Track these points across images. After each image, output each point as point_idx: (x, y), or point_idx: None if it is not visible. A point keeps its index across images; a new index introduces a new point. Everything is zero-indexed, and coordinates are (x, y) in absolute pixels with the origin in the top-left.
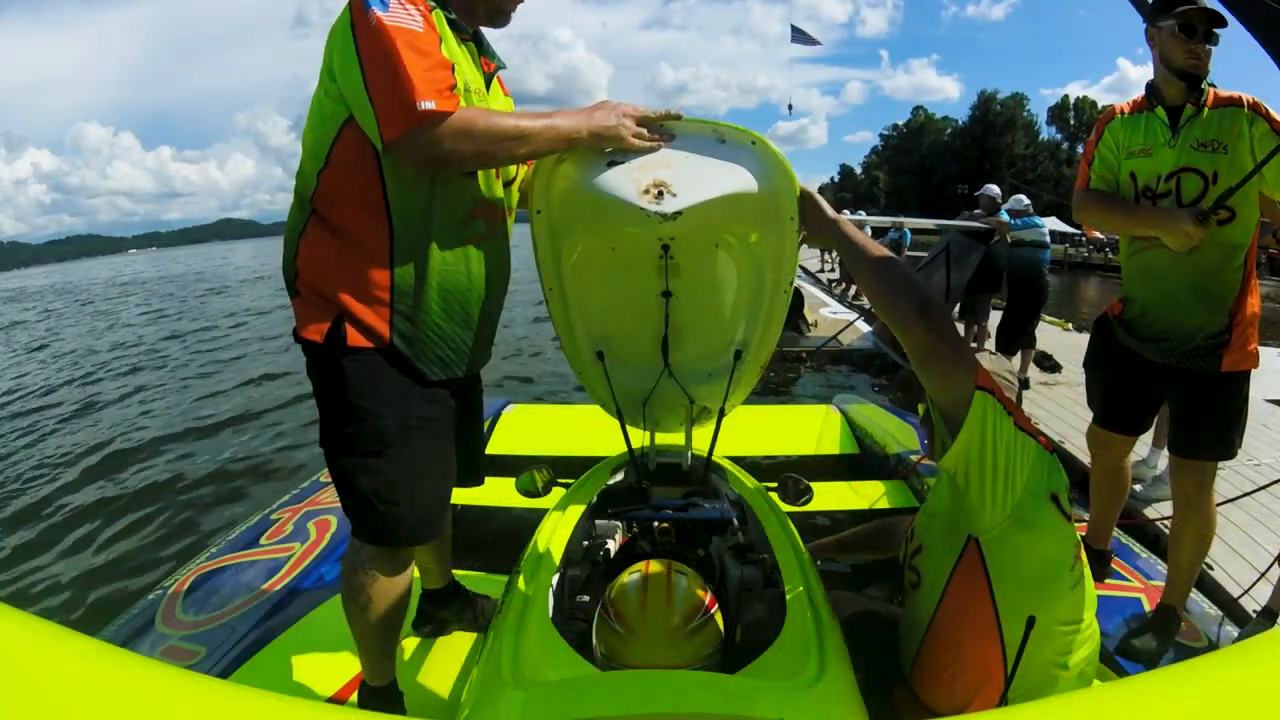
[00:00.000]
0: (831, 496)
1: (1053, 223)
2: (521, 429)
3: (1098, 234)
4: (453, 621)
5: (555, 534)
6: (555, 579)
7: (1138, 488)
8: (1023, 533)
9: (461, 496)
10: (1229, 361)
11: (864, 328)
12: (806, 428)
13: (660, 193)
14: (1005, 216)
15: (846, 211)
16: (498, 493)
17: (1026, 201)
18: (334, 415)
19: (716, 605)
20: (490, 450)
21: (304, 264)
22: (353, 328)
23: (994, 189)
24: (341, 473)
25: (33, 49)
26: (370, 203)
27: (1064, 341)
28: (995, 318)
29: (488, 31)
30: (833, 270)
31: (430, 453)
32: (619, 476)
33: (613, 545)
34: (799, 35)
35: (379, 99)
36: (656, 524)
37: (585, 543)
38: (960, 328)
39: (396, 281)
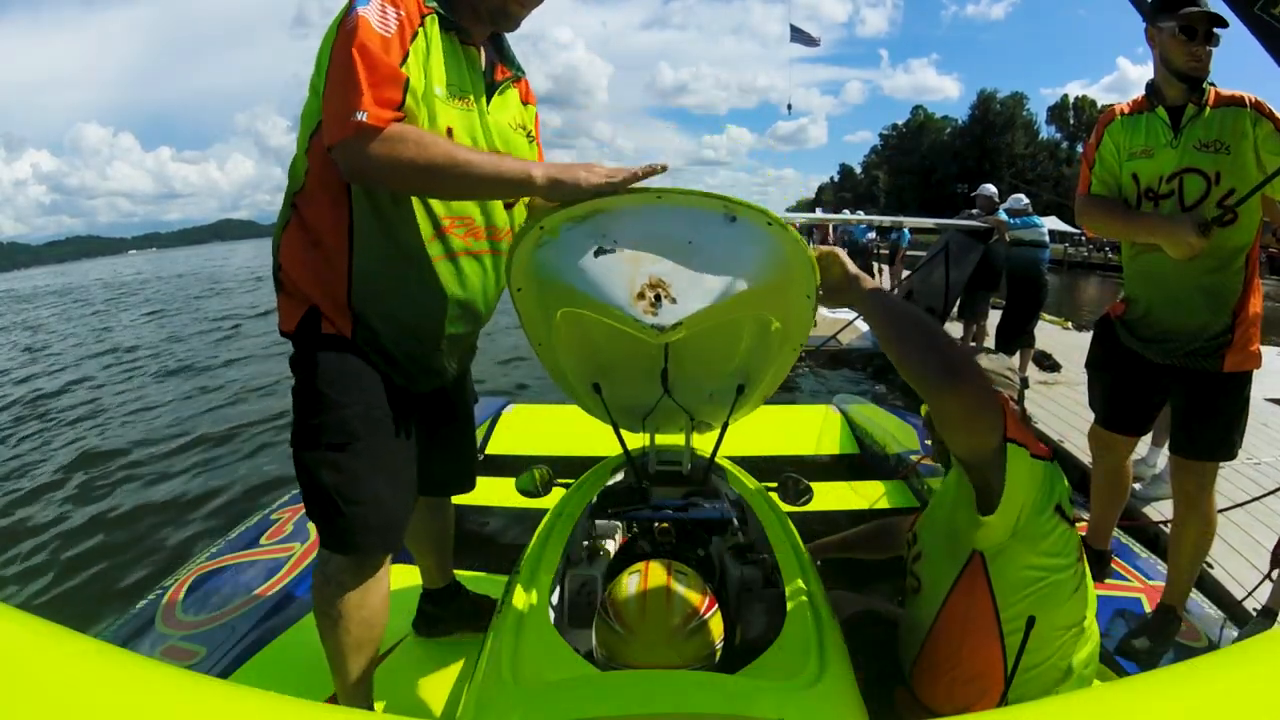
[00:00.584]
0: (831, 496)
1: (1052, 222)
2: (521, 429)
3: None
4: (453, 622)
5: (555, 534)
6: (555, 579)
7: (1137, 486)
8: (1027, 544)
9: (461, 496)
10: (1231, 362)
11: (864, 327)
12: (806, 428)
13: (658, 296)
14: (1003, 215)
15: (845, 210)
16: (498, 493)
17: (1025, 201)
18: (302, 406)
19: (716, 605)
20: (490, 450)
21: (285, 260)
22: (324, 319)
23: (990, 188)
24: (305, 468)
25: (33, 49)
26: (336, 205)
27: (1064, 341)
28: (994, 317)
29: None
30: None
31: (397, 452)
32: (619, 476)
33: (613, 545)
34: (798, 35)
35: (326, 103)
36: (656, 524)
37: (585, 543)
38: (959, 327)
39: (355, 288)
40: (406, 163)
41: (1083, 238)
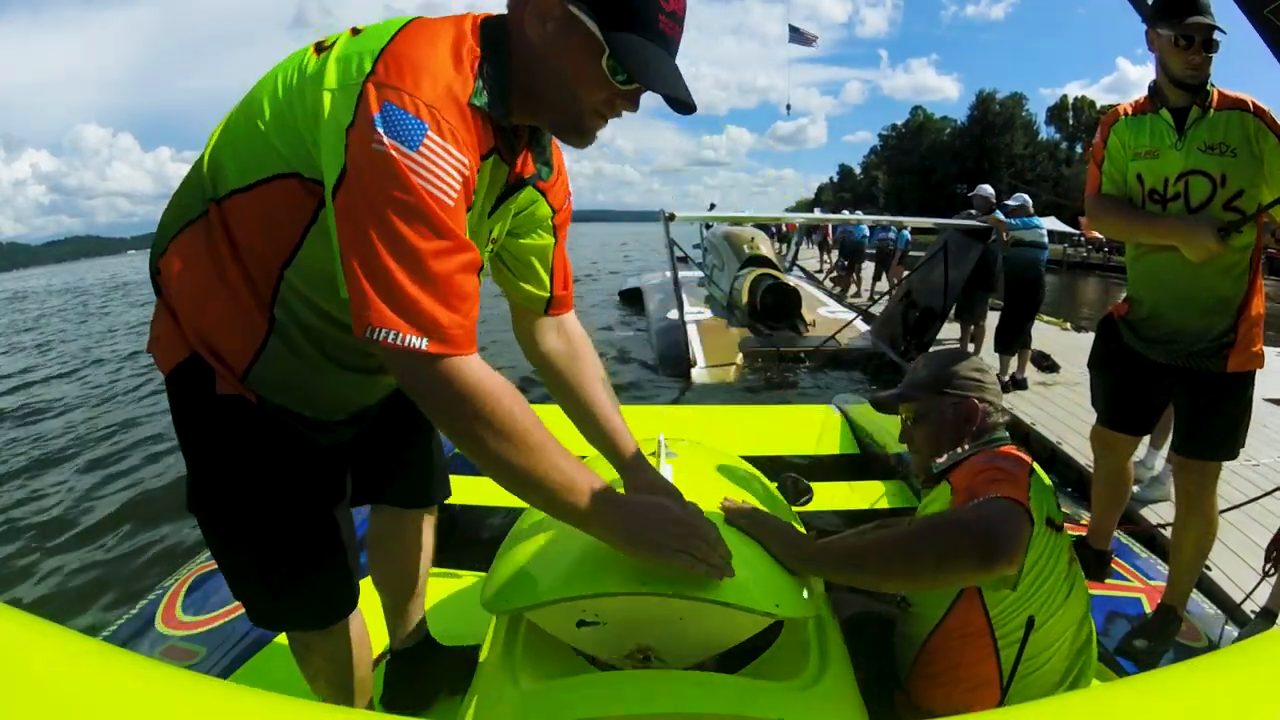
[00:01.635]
0: (831, 496)
1: (1051, 222)
2: None
3: (1096, 234)
4: (430, 683)
5: None
6: None
7: (1135, 488)
8: (1023, 566)
9: (461, 497)
10: (1234, 362)
11: (862, 327)
12: (806, 428)
13: (646, 657)
14: (1000, 215)
15: (845, 211)
16: (498, 493)
17: (1026, 199)
18: (208, 477)
19: None
20: None
21: (168, 270)
22: (218, 377)
23: (987, 189)
24: (219, 548)
25: (33, 49)
26: (265, 265)
27: (1062, 341)
28: (992, 318)
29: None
30: (831, 270)
31: (325, 518)
32: None
33: None
34: (796, 34)
35: (362, 276)
36: None
37: None
38: (957, 328)
39: (255, 369)
40: (475, 435)
41: (1082, 238)
